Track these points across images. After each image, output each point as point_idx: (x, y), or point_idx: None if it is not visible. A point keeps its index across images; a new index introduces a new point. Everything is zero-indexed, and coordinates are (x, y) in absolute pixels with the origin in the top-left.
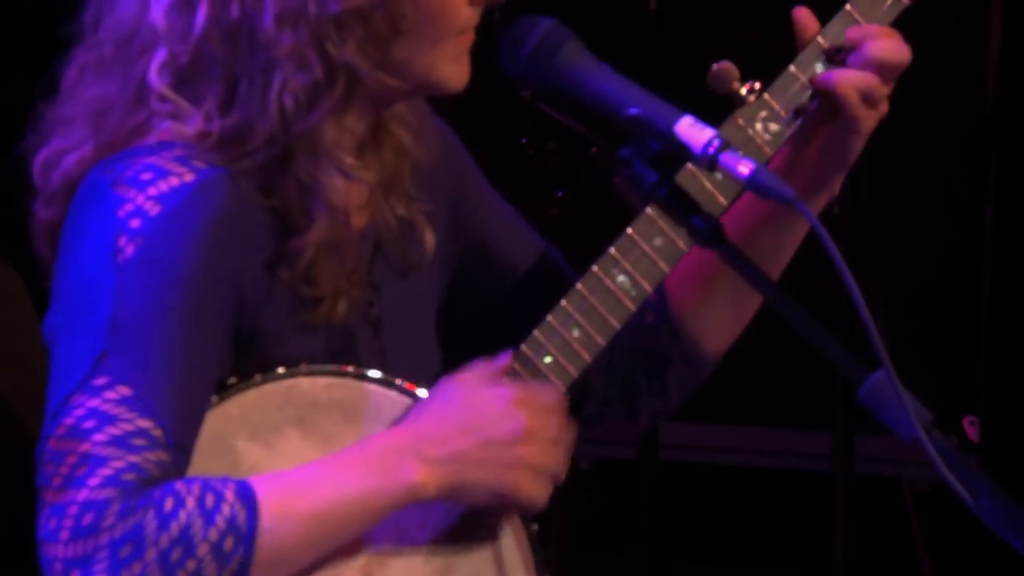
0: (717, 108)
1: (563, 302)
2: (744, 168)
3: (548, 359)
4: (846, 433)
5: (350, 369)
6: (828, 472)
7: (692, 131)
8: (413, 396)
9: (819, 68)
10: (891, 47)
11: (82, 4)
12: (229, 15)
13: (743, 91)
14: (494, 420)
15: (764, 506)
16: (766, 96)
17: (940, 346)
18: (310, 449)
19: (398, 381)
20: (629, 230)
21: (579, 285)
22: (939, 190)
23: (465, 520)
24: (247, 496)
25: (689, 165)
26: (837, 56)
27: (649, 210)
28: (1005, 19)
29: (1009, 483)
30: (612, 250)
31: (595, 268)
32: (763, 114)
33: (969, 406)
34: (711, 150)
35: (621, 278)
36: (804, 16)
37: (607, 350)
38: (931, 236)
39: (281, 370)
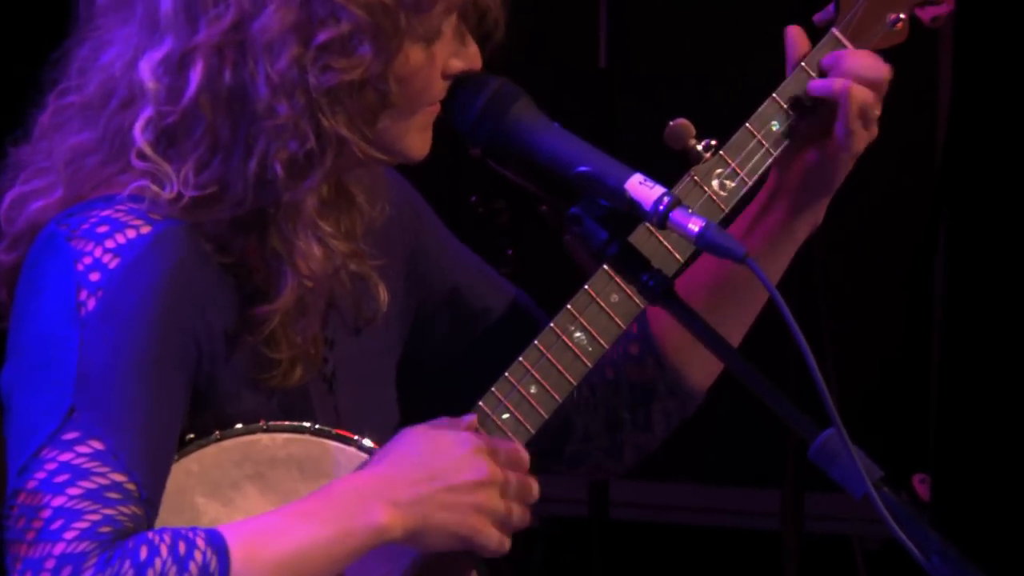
0: (668, 166)
1: (520, 358)
2: (694, 226)
3: (506, 415)
4: (796, 491)
5: (308, 425)
6: (779, 530)
7: (642, 189)
8: (371, 453)
9: (775, 126)
10: (869, 63)
11: (58, 46)
12: (223, 80)
13: (699, 148)
14: (457, 465)
15: (715, 564)
16: (722, 153)
17: (890, 404)
18: (268, 505)
19: (356, 437)
20: (586, 287)
21: (536, 342)
22: (889, 250)
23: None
24: (218, 543)
25: (645, 223)
26: (796, 111)
27: (606, 267)
28: (954, 82)
29: (959, 541)
30: (569, 307)
31: (553, 324)
32: (719, 171)
33: (919, 464)
34: (661, 207)
35: (578, 335)
36: (796, 34)
37: (588, 386)
38: (881, 294)
39: (240, 426)
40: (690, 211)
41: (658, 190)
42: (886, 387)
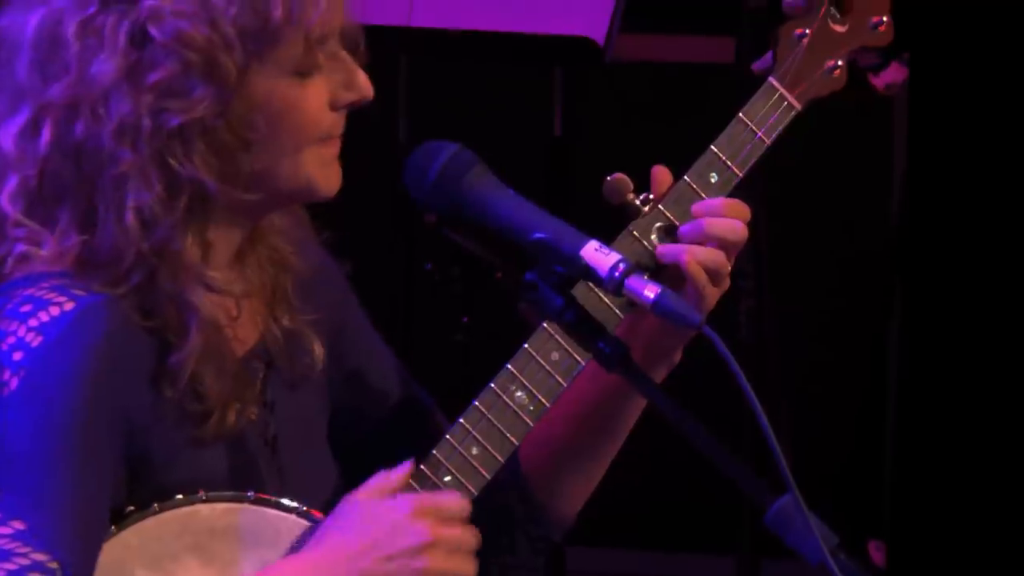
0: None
1: (461, 419)
2: (650, 292)
3: (448, 478)
4: (752, 557)
5: (249, 494)
6: None
7: (598, 255)
8: (312, 519)
9: (713, 178)
10: (727, 225)
11: None
12: (73, 135)
13: (637, 202)
14: (395, 532)
15: None
16: (661, 207)
17: (845, 470)
18: None
19: (296, 504)
20: (526, 345)
21: (477, 402)
22: (844, 316)
23: None
24: None
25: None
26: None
27: (546, 324)
28: (908, 151)
29: None
30: (509, 366)
31: (493, 384)
32: (659, 224)
33: (874, 530)
34: (617, 274)
35: (519, 394)
36: (660, 173)
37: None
38: (837, 362)
39: (179, 497)
40: (646, 277)
41: (614, 256)
42: (842, 453)
